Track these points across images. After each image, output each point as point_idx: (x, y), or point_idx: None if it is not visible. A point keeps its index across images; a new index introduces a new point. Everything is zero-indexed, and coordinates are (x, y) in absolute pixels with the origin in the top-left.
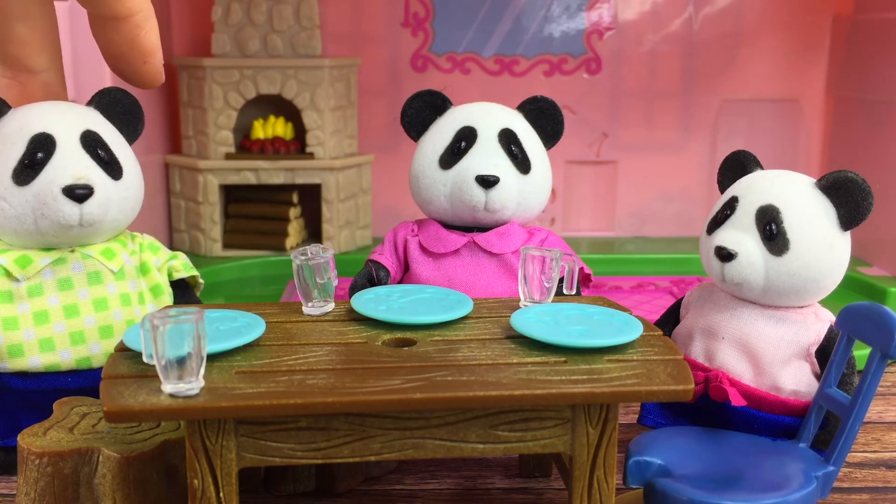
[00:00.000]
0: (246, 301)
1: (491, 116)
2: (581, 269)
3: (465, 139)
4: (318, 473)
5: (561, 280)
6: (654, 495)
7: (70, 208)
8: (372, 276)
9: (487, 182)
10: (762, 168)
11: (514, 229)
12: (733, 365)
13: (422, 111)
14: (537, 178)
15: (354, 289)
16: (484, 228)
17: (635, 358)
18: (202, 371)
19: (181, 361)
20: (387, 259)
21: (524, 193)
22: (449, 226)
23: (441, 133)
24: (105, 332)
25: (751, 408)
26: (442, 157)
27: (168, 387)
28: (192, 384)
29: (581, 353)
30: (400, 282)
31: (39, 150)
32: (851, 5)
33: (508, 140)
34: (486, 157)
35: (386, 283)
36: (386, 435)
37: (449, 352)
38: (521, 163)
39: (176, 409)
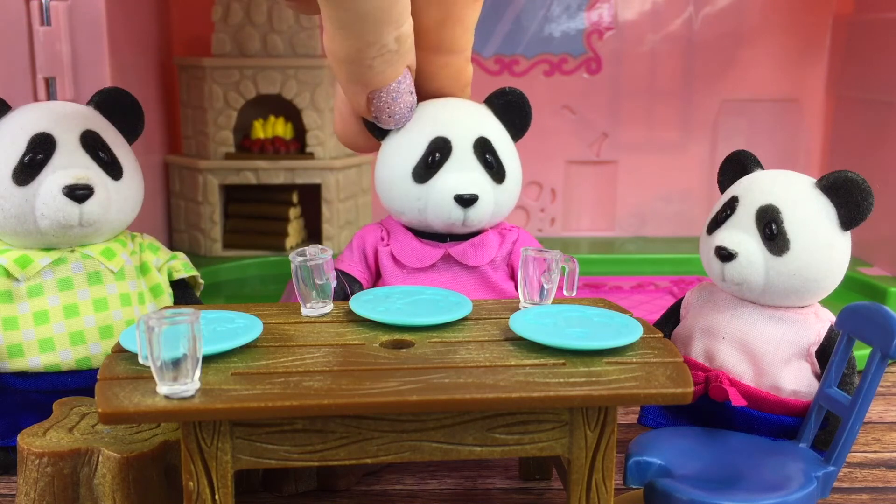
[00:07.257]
0: (246, 301)
1: (463, 125)
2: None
3: (438, 151)
4: (320, 471)
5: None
6: (655, 495)
7: (70, 208)
8: (346, 293)
9: (466, 201)
10: (762, 168)
11: (488, 239)
12: (733, 365)
13: None
14: (511, 184)
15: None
16: (456, 237)
17: (634, 360)
18: (198, 372)
19: (176, 363)
20: (356, 269)
21: (499, 203)
22: (420, 233)
23: (411, 141)
24: (105, 333)
25: (751, 408)
26: (415, 169)
27: (163, 388)
28: (188, 386)
29: (580, 356)
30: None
31: (39, 150)
32: (851, 5)
33: (484, 150)
34: (463, 171)
35: None
36: (382, 437)
37: (447, 354)
38: (497, 172)
39: (171, 410)
